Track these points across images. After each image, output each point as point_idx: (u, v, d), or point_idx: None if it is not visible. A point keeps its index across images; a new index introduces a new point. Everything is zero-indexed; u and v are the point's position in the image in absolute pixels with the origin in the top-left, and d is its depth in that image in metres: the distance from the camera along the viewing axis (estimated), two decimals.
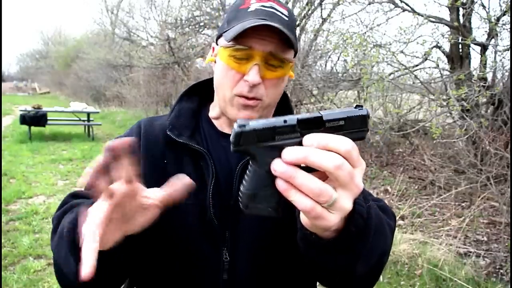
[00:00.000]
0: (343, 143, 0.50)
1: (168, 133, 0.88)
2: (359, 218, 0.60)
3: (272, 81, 0.83)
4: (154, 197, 0.63)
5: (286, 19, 0.83)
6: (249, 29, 0.77)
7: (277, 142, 0.52)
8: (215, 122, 0.95)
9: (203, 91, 0.99)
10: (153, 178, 0.84)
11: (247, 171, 0.57)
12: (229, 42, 0.81)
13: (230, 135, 0.91)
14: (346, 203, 0.52)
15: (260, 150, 0.53)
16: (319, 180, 0.50)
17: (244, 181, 0.57)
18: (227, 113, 0.88)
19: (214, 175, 0.85)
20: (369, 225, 0.62)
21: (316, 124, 0.53)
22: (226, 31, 0.84)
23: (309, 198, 0.50)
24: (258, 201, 0.55)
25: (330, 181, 0.51)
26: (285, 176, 0.50)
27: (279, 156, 0.51)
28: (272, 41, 0.80)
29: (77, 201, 0.82)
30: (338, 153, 0.50)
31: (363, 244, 0.63)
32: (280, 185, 0.51)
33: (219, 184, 0.87)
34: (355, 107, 0.54)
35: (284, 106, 0.98)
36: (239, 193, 0.57)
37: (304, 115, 0.53)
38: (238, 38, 0.79)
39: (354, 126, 0.54)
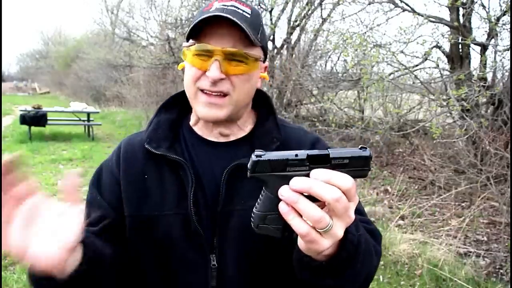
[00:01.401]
0: (345, 180, 0.57)
1: (146, 146, 0.89)
2: (350, 245, 0.65)
3: (238, 77, 0.84)
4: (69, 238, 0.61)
5: (248, 16, 0.83)
6: (209, 27, 0.80)
7: (288, 172, 0.60)
8: (195, 128, 0.95)
9: (182, 102, 0.98)
10: (134, 195, 0.88)
11: (260, 195, 0.64)
12: (188, 41, 0.83)
13: (211, 141, 0.92)
14: (339, 231, 0.59)
15: (273, 178, 0.61)
16: (319, 209, 0.57)
17: (257, 204, 0.64)
18: (196, 111, 0.88)
19: (193, 183, 0.85)
20: (358, 252, 0.67)
21: (324, 160, 0.60)
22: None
23: (306, 223, 0.57)
24: (267, 222, 0.63)
25: (327, 210, 0.58)
26: (290, 200, 0.57)
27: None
28: (231, 37, 0.81)
29: None
30: (339, 188, 0.56)
31: (351, 269, 0.68)
32: (282, 208, 0.58)
33: (203, 190, 0.87)
34: (360, 148, 0.61)
35: (267, 108, 0.97)
36: (252, 213, 0.64)
37: (313, 151, 0.60)
38: (198, 37, 0.82)
39: (357, 165, 0.61)
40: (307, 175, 0.58)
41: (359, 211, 0.89)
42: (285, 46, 8.20)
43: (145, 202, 0.88)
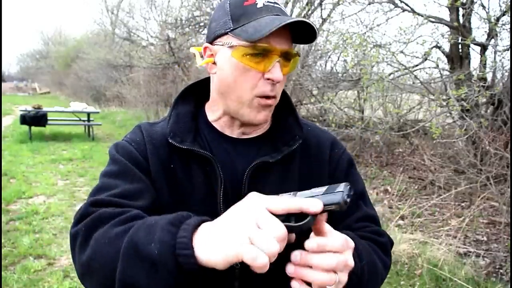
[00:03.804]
0: (336, 243, 0.64)
1: (170, 140, 0.85)
2: (354, 276, 0.71)
3: (284, 77, 0.83)
4: None
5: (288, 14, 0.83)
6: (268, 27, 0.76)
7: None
8: (214, 124, 0.92)
9: (197, 92, 0.96)
10: (164, 183, 0.84)
11: None
12: (251, 42, 0.78)
13: (231, 137, 0.90)
14: (343, 278, 0.66)
15: None
16: (322, 274, 0.63)
17: None
18: (242, 116, 0.85)
19: (222, 182, 0.82)
20: (362, 282, 0.74)
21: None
22: (235, 29, 0.80)
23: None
24: None
25: None
26: (299, 276, 0.65)
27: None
28: (285, 36, 0.80)
29: (114, 211, 0.72)
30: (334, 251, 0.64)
31: None
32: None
33: (226, 189, 0.84)
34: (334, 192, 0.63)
35: (286, 104, 0.96)
36: None
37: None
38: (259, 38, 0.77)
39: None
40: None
41: (373, 217, 0.91)
42: None
43: (174, 193, 0.84)
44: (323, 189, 0.63)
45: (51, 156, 7.91)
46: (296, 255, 0.64)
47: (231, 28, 0.80)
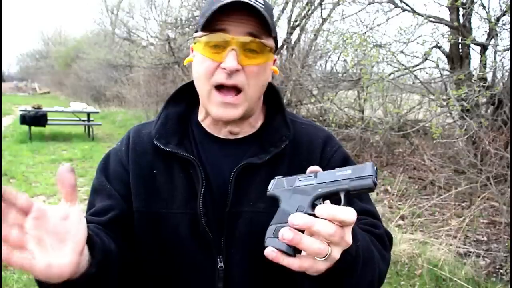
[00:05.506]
0: (348, 215, 0.60)
1: (155, 142, 0.86)
2: (348, 256, 0.66)
3: (252, 68, 0.79)
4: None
5: (263, 6, 0.79)
6: (224, 15, 0.75)
7: (296, 185, 0.69)
8: (203, 124, 0.92)
9: (189, 94, 0.95)
10: (142, 190, 0.86)
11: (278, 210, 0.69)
12: (202, 30, 0.78)
13: (219, 138, 0.90)
14: (335, 254, 0.63)
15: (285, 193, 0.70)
16: (318, 242, 0.60)
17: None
18: (209, 112, 0.84)
19: (204, 183, 0.82)
20: (356, 263, 0.69)
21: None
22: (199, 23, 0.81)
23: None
24: (276, 234, 0.65)
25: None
26: (293, 242, 0.60)
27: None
28: (247, 26, 0.77)
29: None
30: (344, 221, 0.60)
31: (350, 278, 0.69)
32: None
33: (211, 191, 0.84)
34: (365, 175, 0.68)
35: (275, 102, 0.94)
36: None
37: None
38: (212, 27, 0.77)
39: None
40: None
41: (369, 212, 0.89)
42: (285, 46, 8.20)
43: (153, 198, 0.85)
44: (348, 171, 0.66)
45: (51, 156, 7.91)
46: (298, 216, 0.60)
47: (199, 24, 0.82)
